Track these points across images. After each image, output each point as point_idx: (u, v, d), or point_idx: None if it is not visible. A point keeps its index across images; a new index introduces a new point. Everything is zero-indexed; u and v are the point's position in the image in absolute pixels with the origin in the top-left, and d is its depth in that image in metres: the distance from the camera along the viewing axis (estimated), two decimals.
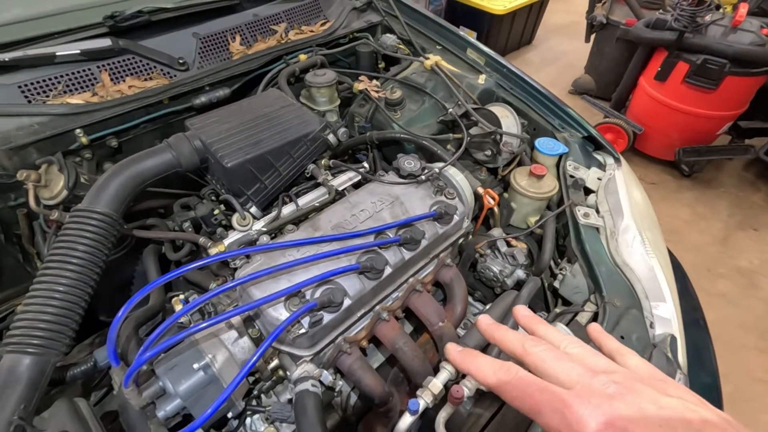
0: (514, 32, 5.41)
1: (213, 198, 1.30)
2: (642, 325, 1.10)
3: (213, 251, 1.12)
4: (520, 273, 1.37)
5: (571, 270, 1.30)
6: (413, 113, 1.60)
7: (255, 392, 1.04)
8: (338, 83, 1.67)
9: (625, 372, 0.42)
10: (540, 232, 1.44)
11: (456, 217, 1.23)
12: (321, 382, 1.02)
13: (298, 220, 1.16)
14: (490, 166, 1.55)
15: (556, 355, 0.44)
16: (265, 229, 1.09)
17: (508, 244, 1.38)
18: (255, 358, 0.82)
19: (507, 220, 1.48)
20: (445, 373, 0.98)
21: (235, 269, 1.04)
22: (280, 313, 0.93)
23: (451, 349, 0.53)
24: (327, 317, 0.97)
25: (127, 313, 0.83)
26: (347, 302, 1.00)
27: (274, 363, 1.03)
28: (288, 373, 1.02)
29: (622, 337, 1.05)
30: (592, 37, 4.26)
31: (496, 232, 1.37)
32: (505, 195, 1.48)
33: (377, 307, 1.12)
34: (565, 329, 1.03)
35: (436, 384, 0.95)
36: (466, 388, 0.90)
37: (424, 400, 0.94)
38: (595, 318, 1.12)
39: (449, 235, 1.27)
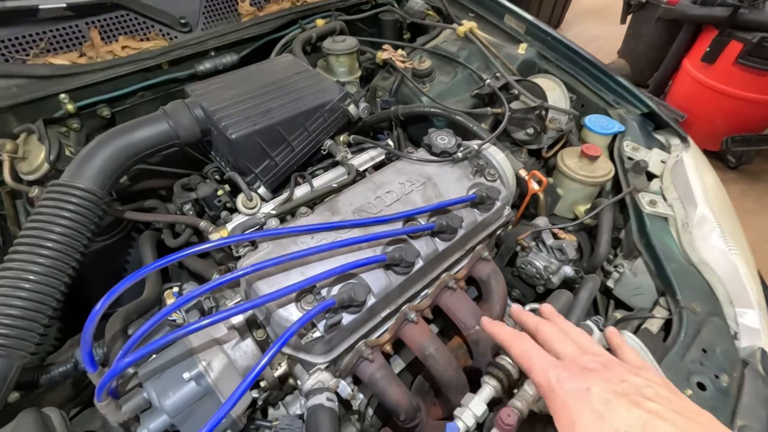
0: (542, 15, 5.11)
1: (217, 177, 1.14)
2: (727, 336, 0.90)
3: (214, 237, 0.96)
4: (568, 270, 1.18)
5: (631, 267, 1.10)
6: (444, 86, 1.41)
7: (259, 403, 0.88)
8: (359, 53, 1.49)
9: (611, 357, 0.51)
10: (590, 223, 1.24)
11: (498, 203, 1.05)
12: (338, 395, 0.85)
13: (312, 203, 0.99)
14: (532, 146, 1.35)
15: (560, 335, 0.55)
16: (274, 212, 0.92)
17: (555, 236, 1.18)
18: (260, 368, 0.66)
19: (551, 209, 1.29)
20: (488, 390, 0.81)
21: (239, 258, 0.88)
22: (291, 312, 0.77)
23: (485, 320, 0.66)
24: (347, 318, 0.80)
25: (106, 307, 0.67)
26: (371, 301, 0.83)
27: (282, 370, 0.87)
28: (299, 382, 0.86)
29: (705, 350, 0.86)
30: (628, 18, 3.96)
31: (542, 221, 1.18)
32: (550, 180, 1.29)
33: (404, 307, 0.95)
34: (635, 341, 0.84)
35: (479, 404, 0.78)
36: (517, 410, 0.72)
37: (464, 422, 0.77)
38: (668, 326, 0.93)
39: (489, 223, 1.09)
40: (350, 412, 1.05)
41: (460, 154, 1.04)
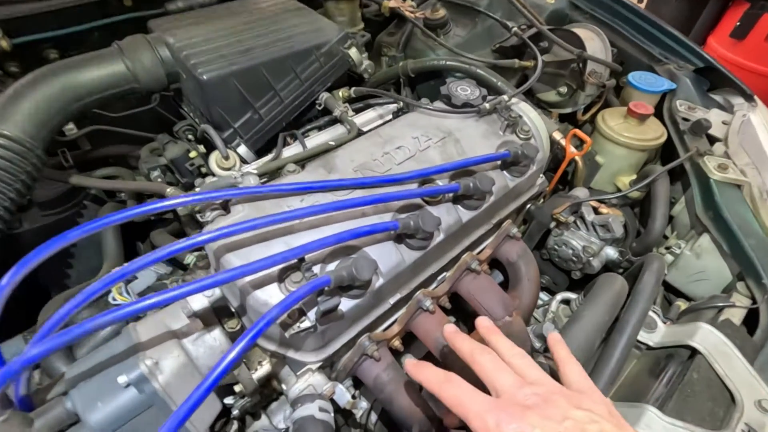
0: None
1: (190, 137, 0.94)
2: None
3: (184, 212, 0.76)
4: (611, 252, 0.98)
5: (692, 247, 0.91)
6: (460, 40, 1.20)
7: (235, 413, 0.69)
8: (363, 4, 1.29)
9: (551, 386, 0.48)
10: (637, 197, 1.05)
11: (533, 167, 0.85)
12: (334, 402, 0.66)
13: (303, 163, 0.80)
14: (564, 110, 1.16)
15: (497, 365, 0.50)
16: (254, 171, 0.73)
17: (596, 212, 0.99)
18: (224, 366, 0.47)
19: (588, 182, 1.09)
20: None
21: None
22: (271, 295, 0.57)
23: (408, 363, 0.56)
24: (347, 304, 0.61)
25: (15, 282, 0.49)
26: (378, 282, 0.64)
27: (264, 370, 0.68)
28: (285, 387, 0.67)
29: None
30: None
31: (581, 192, 0.98)
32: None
33: (418, 293, 0.76)
34: (719, 336, 0.65)
35: None
36: None
37: None
38: (751, 317, 0.73)
39: (520, 192, 0.89)
40: (350, 422, 0.86)
41: (487, 105, 0.84)
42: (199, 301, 0.59)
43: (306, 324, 0.57)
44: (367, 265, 0.57)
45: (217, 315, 0.63)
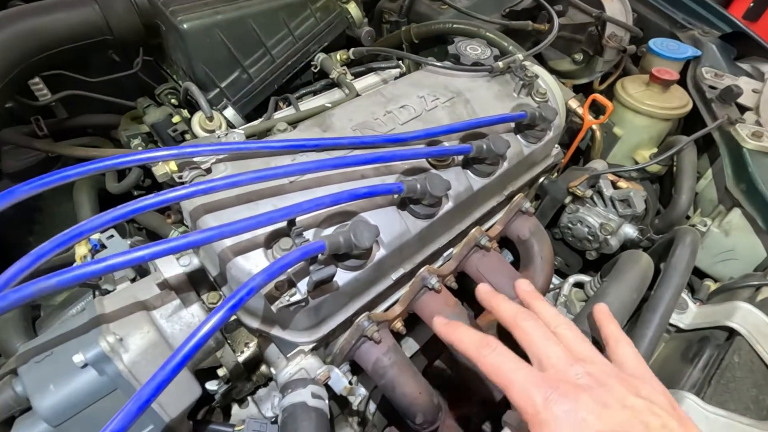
0: None
1: (173, 102, 0.86)
2: None
3: (159, 170, 0.68)
4: (629, 230, 0.91)
5: (720, 224, 0.83)
6: (467, 3, 1.12)
7: (217, 399, 0.61)
8: None
9: (604, 365, 0.41)
10: (658, 171, 0.97)
11: (549, 133, 0.77)
12: (328, 388, 0.59)
13: (296, 124, 0.72)
14: (579, 80, 1.08)
15: (544, 333, 0.43)
16: (241, 131, 0.65)
17: (614, 186, 0.91)
18: (195, 342, 0.39)
19: (604, 156, 1.02)
20: None
21: None
22: (256, 262, 0.50)
23: (437, 320, 0.51)
24: (344, 277, 0.53)
25: None
26: (380, 253, 0.56)
27: (250, 352, 0.61)
28: (274, 370, 0.59)
29: None
30: None
31: (599, 164, 0.91)
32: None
33: (422, 270, 0.68)
34: (761, 316, 0.58)
35: None
36: None
37: None
38: None
39: (535, 161, 0.82)
40: (347, 411, 0.79)
41: (500, 64, 0.76)
42: (173, 271, 0.51)
43: (296, 297, 0.49)
44: (368, 231, 0.50)
45: (196, 288, 0.56)
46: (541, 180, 0.92)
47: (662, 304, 0.57)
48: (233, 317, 0.59)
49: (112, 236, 0.59)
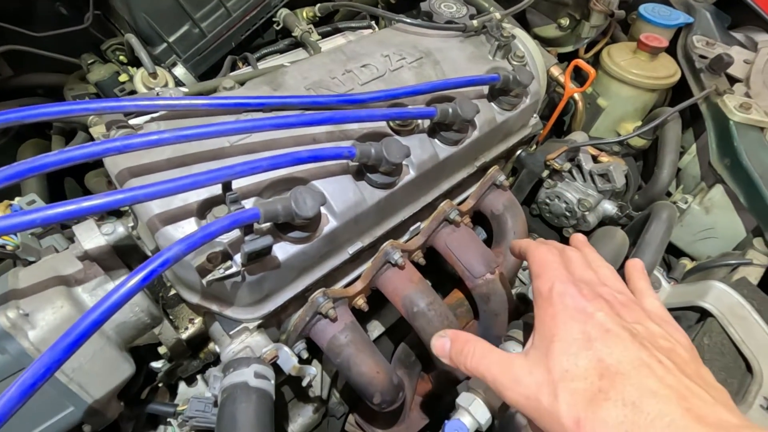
0: None
1: (121, 58, 0.79)
2: None
3: (96, 129, 0.62)
4: (608, 206, 0.87)
5: (702, 201, 0.80)
6: None
7: (159, 378, 0.58)
8: None
9: (633, 300, 0.41)
10: (641, 146, 0.93)
11: (526, 100, 0.72)
12: (278, 368, 0.55)
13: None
14: (564, 48, 1.01)
15: (584, 263, 0.44)
16: (183, 89, 0.58)
17: (594, 160, 0.87)
18: (101, 312, 0.35)
19: (587, 129, 0.97)
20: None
21: None
22: (186, 231, 0.45)
23: (437, 343, 0.43)
24: (288, 249, 0.49)
25: None
26: (331, 224, 0.52)
27: (194, 329, 0.57)
28: (218, 349, 0.56)
29: None
30: None
31: (579, 137, 0.86)
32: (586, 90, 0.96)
33: (386, 244, 0.64)
34: (734, 295, 0.55)
35: (479, 408, 0.48)
36: None
37: (472, 417, 0.48)
38: None
39: (511, 130, 0.76)
40: (310, 390, 0.76)
41: (475, 23, 0.70)
42: (95, 241, 0.46)
43: (232, 270, 0.45)
44: (311, 198, 0.45)
45: (126, 261, 0.51)
46: (518, 152, 0.87)
47: None
48: (173, 291, 0.55)
49: (33, 201, 0.54)
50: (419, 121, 0.61)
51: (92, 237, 0.46)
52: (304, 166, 0.51)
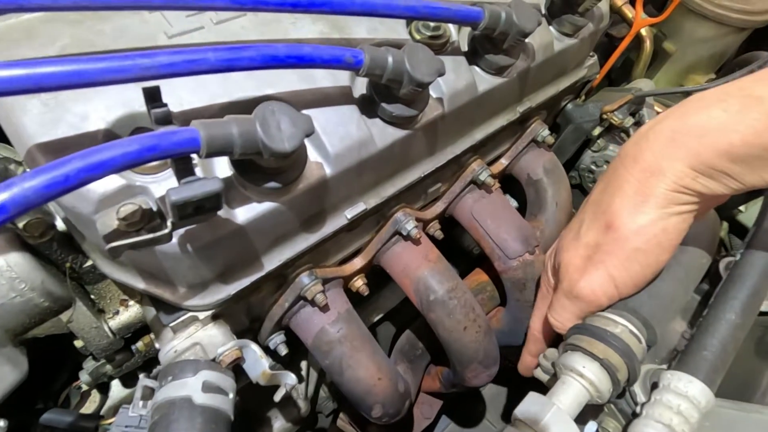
0: None
1: None
2: None
3: None
4: None
5: None
6: None
7: (85, 378, 0.41)
8: None
9: None
10: None
11: (591, 25, 0.53)
12: (239, 374, 0.39)
13: None
14: None
15: None
16: None
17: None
18: None
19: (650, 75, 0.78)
20: (575, 386, 0.35)
21: None
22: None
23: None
24: (252, 206, 0.32)
25: None
26: (320, 172, 0.34)
27: (127, 315, 0.40)
28: (157, 345, 0.39)
29: None
30: None
31: (645, 84, 0.68)
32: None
33: (397, 208, 0.47)
34: None
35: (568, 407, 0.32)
36: None
37: None
38: None
39: (565, 66, 0.58)
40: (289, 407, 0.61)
41: None
42: None
43: (153, 235, 0.27)
44: (289, 122, 0.27)
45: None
46: (563, 104, 0.69)
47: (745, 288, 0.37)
48: (89, 262, 0.38)
49: None
50: (454, 36, 0.43)
51: None
52: (285, 81, 0.33)
